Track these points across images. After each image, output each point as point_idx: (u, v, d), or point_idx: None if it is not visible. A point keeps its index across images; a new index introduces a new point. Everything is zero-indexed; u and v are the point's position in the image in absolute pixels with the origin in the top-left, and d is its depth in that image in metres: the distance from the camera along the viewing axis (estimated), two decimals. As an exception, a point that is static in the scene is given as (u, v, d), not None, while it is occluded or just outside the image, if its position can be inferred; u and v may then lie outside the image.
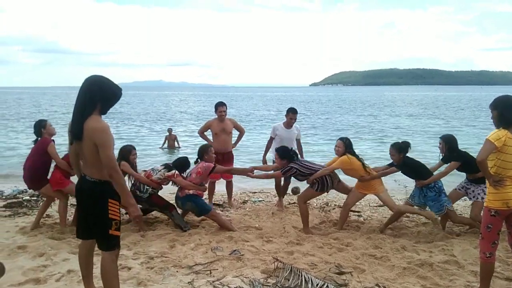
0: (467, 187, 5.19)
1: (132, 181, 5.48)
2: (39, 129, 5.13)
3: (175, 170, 5.44)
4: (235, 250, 4.43)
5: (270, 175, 5.75)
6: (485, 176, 3.32)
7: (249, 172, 5.56)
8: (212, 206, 5.83)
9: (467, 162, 4.92)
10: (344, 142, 5.30)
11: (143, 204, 5.32)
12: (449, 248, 4.51)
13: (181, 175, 5.48)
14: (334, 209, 6.66)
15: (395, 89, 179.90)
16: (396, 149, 5.17)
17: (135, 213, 2.96)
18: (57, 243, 4.66)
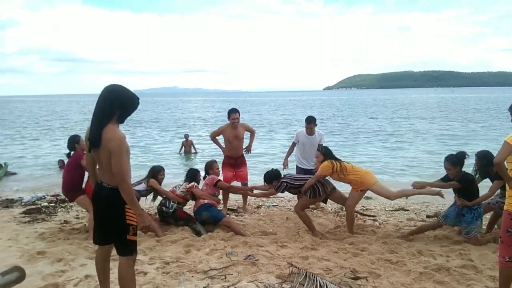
0: (502, 201, 5.00)
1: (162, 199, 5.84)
2: (73, 144, 5.41)
3: (193, 182, 5.87)
4: (250, 255, 4.44)
5: (266, 193, 5.90)
6: (504, 178, 3.27)
7: (248, 191, 6.16)
8: (226, 211, 6.13)
9: None
10: (321, 151, 5.54)
11: (169, 219, 5.75)
12: (467, 252, 4.44)
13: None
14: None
15: (410, 92, 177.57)
16: (451, 163, 4.75)
17: (142, 223, 2.96)
18: (75, 248, 4.75)
